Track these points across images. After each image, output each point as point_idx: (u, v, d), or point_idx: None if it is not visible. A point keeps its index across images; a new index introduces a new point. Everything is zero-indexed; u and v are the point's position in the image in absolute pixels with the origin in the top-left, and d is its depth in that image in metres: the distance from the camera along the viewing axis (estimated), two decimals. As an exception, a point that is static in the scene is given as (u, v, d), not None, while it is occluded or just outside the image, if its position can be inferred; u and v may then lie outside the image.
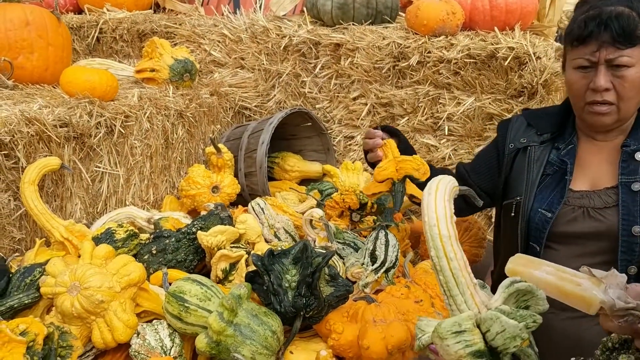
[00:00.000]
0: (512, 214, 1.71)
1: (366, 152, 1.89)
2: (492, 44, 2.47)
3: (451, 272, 1.02)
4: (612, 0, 1.53)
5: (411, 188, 1.80)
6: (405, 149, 1.88)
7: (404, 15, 2.79)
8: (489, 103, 2.55)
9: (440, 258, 1.02)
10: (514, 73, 2.46)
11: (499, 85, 2.52)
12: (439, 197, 1.06)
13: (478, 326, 0.98)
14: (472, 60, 2.51)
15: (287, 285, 1.37)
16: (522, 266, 1.16)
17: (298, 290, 1.37)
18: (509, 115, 2.49)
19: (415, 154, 1.87)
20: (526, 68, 2.42)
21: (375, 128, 1.87)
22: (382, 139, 1.83)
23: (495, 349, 0.96)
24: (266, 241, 1.91)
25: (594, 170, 1.65)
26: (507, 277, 1.09)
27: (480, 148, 2.57)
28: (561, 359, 1.64)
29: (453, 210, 1.07)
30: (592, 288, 1.05)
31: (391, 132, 1.89)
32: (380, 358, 1.32)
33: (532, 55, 2.41)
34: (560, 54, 2.51)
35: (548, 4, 2.82)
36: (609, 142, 1.65)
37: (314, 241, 1.90)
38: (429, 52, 2.56)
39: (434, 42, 2.56)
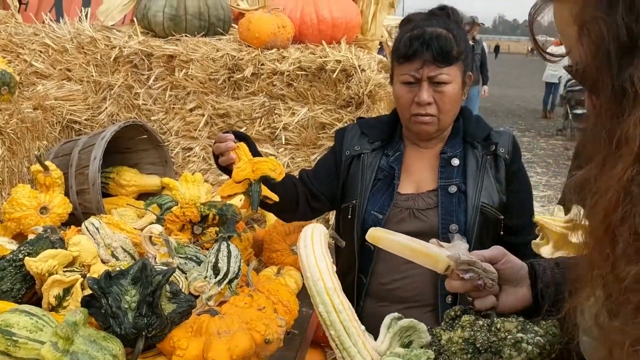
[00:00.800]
0: (349, 216, 1.83)
1: (216, 157, 1.89)
2: (321, 57, 2.61)
3: (342, 324, 1.01)
4: (432, 22, 1.71)
5: (264, 190, 1.83)
6: (255, 153, 1.91)
7: (236, 27, 2.84)
8: (321, 113, 2.69)
9: (329, 312, 1.02)
10: (342, 84, 2.62)
11: (329, 96, 2.66)
12: (317, 249, 1.06)
13: None
14: (303, 72, 2.63)
15: (126, 306, 1.34)
16: (381, 232, 1.25)
17: (139, 311, 1.34)
18: (340, 125, 2.65)
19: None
20: (353, 80, 2.60)
21: (225, 132, 1.88)
22: (234, 142, 1.85)
23: None
24: (103, 262, 1.83)
25: (418, 175, 1.82)
26: (349, 272, 1.18)
27: (317, 156, 2.71)
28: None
29: (332, 260, 1.09)
30: (439, 249, 1.17)
31: (241, 137, 1.90)
32: (225, 369, 1.34)
33: (358, 68, 2.59)
34: (382, 67, 2.72)
35: (370, 19, 3.04)
36: (430, 150, 1.83)
37: (155, 258, 1.86)
38: (262, 64, 2.64)
39: (266, 55, 2.64)
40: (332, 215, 2.54)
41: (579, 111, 11.48)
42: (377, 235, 1.25)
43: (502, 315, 1.16)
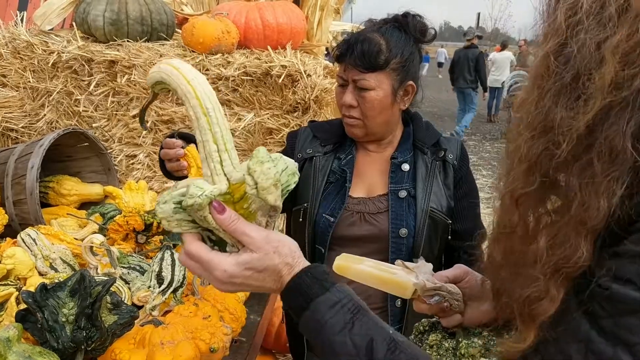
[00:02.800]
0: (300, 219, 1.81)
1: (162, 161, 1.84)
2: (267, 62, 2.60)
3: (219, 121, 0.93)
4: (376, 27, 1.70)
5: None
6: None
7: (180, 32, 2.80)
8: (268, 118, 2.68)
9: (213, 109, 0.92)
10: (288, 90, 2.62)
11: (275, 101, 2.66)
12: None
13: None
14: (249, 78, 2.61)
15: (64, 319, 1.29)
16: (348, 262, 1.26)
17: (77, 324, 1.30)
18: (287, 130, 2.64)
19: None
20: (299, 85, 2.60)
21: (171, 136, 1.82)
22: (182, 147, 1.81)
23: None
24: (41, 274, 1.77)
25: (369, 179, 1.82)
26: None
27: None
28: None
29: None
30: (406, 276, 1.19)
31: (187, 138, 1.86)
32: (169, 380, 1.31)
33: (304, 73, 2.59)
34: (328, 72, 2.74)
35: (315, 25, 3.05)
36: (381, 154, 1.84)
37: (97, 268, 1.81)
38: (207, 70, 2.61)
39: (211, 60, 2.61)
40: (281, 221, 2.53)
41: (522, 115, 11.83)
42: (343, 265, 1.26)
43: (468, 330, 1.19)
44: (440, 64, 34.82)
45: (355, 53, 1.63)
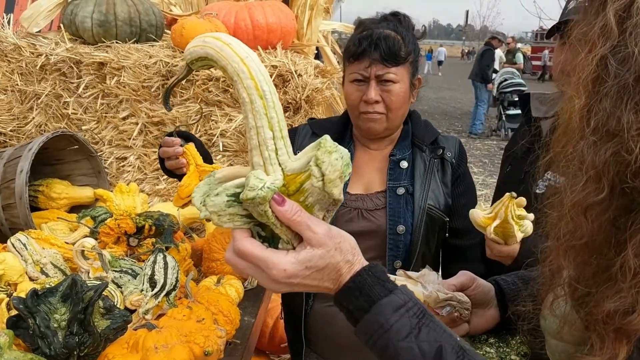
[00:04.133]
0: None
1: (162, 160, 1.85)
2: (257, 63, 2.59)
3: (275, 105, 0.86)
4: (383, 25, 1.74)
5: None
6: (203, 153, 1.89)
7: (169, 33, 2.79)
8: (259, 118, 2.67)
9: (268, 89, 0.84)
10: (279, 90, 2.62)
11: (266, 101, 2.65)
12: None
13: None
14: (239, 78, 2.60)
15: (56, 325, 1.28)
16: None
17: (69, 329, 1.28)
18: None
19: (211, 156, 1.89)
20: (290, 85, 2.59)
21: (170, 134, 1.84)
22: (181, 145, 1.82)
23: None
24: (32, 279, 1.75)
25: (367, 176, 1.83)
26: None
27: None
28: (344, 350, 1.80)
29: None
30: (413, 287, 1.12)
31: (186, 136, 1.88)
32: (163, 385, 1.30)
33: (294, 73, 2.58)
34: (319, 71, 2.73)
35: (305, 24, 3.05)
36: (380, 152, 1.85)
37: (88, 273, 1.79)
38: (197, 71, 2.59)
39: (201, 61, 2.60)
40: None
41: (511, 112, 11.90)
42: None
43: (474, 338, 1.18)
44: (440, 62, 34.99)
45: (382, 48, 1.67)
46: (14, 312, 1.42)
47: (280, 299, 1.94)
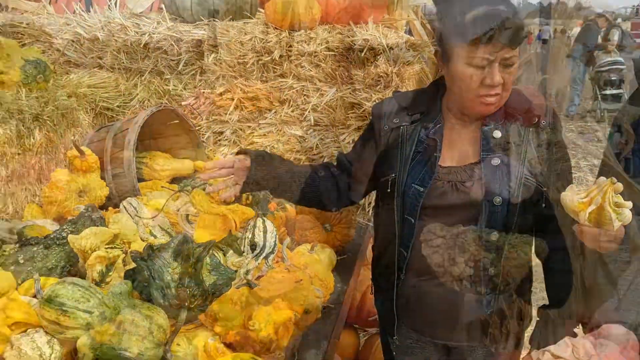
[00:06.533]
0: (389, 190, 1.81)
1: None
2: (349, 37, 2.61)
3: None
4: (492, 3, 1.62)
5: None
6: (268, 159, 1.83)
7: (263, 10, 2.86)
8: (350, 93, 2.69)
9: None
10: (370, 64, 2.62)
11: (357, 75, 2.66)
12: None
13: None
14: (331, 53, 2.63)
15: (169, 278, 1.37)
16: None
17: (181, 282, 1.38)
18: (369, 104, 2.65)
19: (277, 159, 1.83)
20: (380, 59, 2.59)
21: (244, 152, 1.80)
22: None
23: None
24: (142, 240, 1.87)
25: (459, 148, 1.79)
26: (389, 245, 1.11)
27: (346, 136, 2.72)
28: (437, 324, 1.80)
29: None
30: None
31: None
32: (267, 337, 1.37)
33: (386, 47, 2.58)
34: (410, 45, 2.71)
35: (396, -1, 3.02)
36: (472, 123, 1.81)
37: (192, 236, 1.90)
38: (290, 46, 2.65)
39: (294, 37, 2.65)
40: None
41: (608, 92, 11.24)
42: None
43: None
44: (545, 41, 33.65)
45: (511, 30, 1.58)
46: (129, 267, 1.53)
47: (371, 274, 1.95)
